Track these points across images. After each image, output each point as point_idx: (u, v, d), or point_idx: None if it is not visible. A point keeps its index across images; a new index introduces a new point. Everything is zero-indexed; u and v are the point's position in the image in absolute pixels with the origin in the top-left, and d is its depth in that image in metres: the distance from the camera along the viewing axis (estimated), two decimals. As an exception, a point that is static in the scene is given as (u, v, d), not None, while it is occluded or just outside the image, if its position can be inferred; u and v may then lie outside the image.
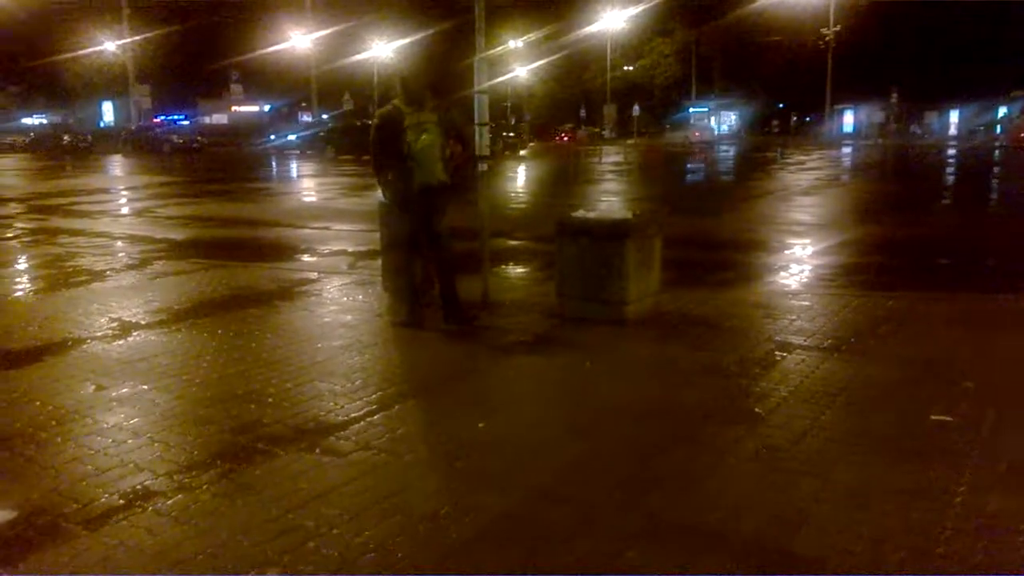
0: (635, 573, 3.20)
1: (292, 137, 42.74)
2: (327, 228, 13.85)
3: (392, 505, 3.73)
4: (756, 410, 4.93)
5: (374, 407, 4.99)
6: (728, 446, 4.42)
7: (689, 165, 36.85)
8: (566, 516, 3.65)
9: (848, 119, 63.95)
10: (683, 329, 6.81)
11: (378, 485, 3.96)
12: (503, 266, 9.82)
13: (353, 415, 4.86)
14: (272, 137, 43.17)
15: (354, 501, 3.77)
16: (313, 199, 20.53)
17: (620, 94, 65.90)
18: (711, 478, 4.03)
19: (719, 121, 70.66)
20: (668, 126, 71.22)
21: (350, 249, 11.69)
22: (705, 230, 13.50)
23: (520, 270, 10.08)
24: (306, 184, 26.15)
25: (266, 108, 56.86)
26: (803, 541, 3.42)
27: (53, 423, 4.73)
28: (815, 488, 3.90)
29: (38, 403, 5.07)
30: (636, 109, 54.83)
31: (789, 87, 65.91)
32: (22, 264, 10.57)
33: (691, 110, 70.76)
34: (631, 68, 69.49)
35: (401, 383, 5.56)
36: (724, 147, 49.24)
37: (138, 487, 3.91)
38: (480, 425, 4.74)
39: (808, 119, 67.70)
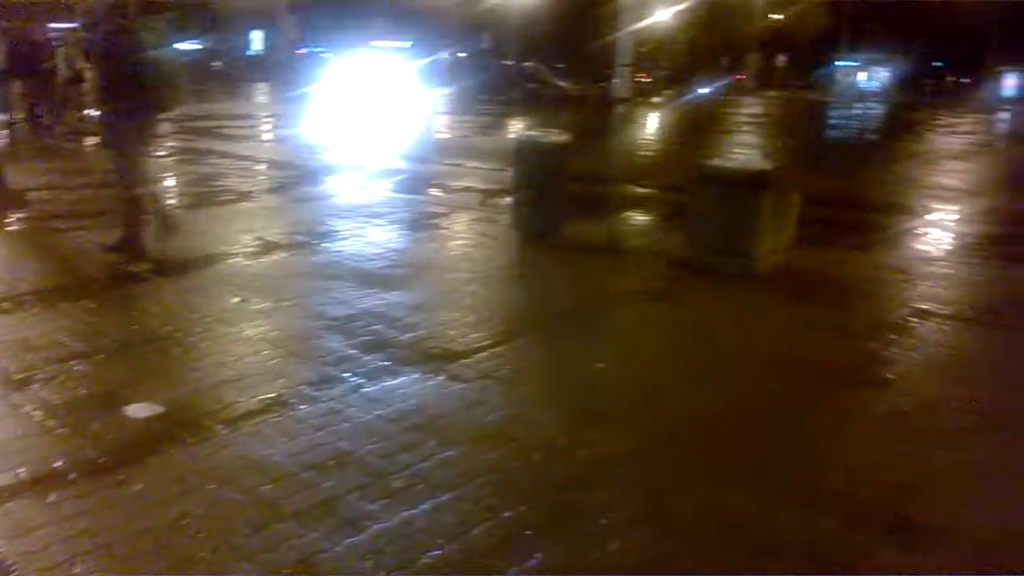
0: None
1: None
2: (459, 165, 13.98)
3: (509, 433, 3.83)
4: (887, 375, 4.78)
5: (497, 339, 5.09)
6: (854, 409, 4.31)
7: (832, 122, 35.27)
8: (680, 463, 3.66)
9: (1010, 83, 59.60)
10: (815, 288, 6.62)
11: (497, 413, 4.07)
12: (631, 212, 9.72)
13: (475, 345, 4.97)
14: None
15: (473, 425, 3.90)
16: (447, 136, 20.73)
17: (764, 43, 63.08)
18: (835, 438, 3.96)
19: (869, 77, 66.96)
20: (814, 79, 68.01)
21: (480, 187, 11.79)
22: (845, 189, 12.94)
23: (647, 217, 9.96)
24: (439, 121, 26.45)
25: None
26: (927, 510, 3.33)
27: (199, 329, 5.05)
28: (944, 460, 3.78)
29: (186, 310, 5.41)
30: (781, 59, 52.12)
31: (948, 46, 61.80)
32: (172, 181, 11.14)
33: (837, 63, 67.29)
34: (780, 17, 66.43)
35: (524, 319, 5.65)
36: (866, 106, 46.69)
37: (274, 394, 4.15)
38: (600, 366, 4.78)
39: (965, 81, 63.43)
